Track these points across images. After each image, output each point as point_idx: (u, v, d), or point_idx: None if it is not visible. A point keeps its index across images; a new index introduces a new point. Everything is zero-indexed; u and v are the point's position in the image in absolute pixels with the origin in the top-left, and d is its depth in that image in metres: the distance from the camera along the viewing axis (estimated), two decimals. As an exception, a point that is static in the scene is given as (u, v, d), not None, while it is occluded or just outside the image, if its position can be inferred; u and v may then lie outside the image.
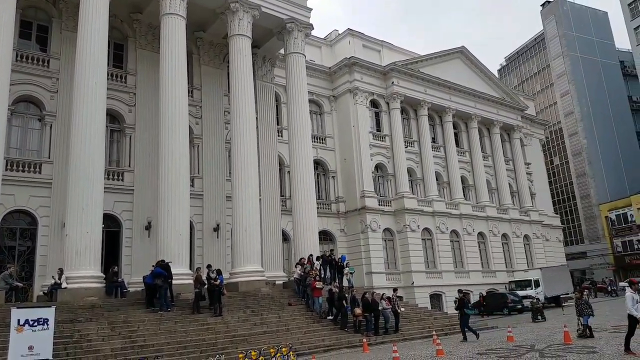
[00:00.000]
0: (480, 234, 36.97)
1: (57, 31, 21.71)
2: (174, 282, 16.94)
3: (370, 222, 30.73)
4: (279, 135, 28.29)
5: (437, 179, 36.00)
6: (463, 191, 37.51)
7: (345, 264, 22.62)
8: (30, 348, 11.84)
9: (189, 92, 21.70)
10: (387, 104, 34.99)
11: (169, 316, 16.24)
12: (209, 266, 18.28)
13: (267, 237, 24.69)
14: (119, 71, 23.16)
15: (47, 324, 12.24)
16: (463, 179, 38.30)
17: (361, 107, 33.01)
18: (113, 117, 22.28)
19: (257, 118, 23.63)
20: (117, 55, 23.45)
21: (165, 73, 20.10)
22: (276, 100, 29.04)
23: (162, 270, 16.70)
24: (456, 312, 18.79)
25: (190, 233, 20.82)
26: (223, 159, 25.15)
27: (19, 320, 11.94)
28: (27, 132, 20.80)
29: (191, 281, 18.01)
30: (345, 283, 21.43)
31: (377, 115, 34.95)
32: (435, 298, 31.87)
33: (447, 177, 37.24)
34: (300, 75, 25.05)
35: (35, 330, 12.08)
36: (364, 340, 16.48)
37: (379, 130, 34.61)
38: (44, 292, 17.37)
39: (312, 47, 32.67)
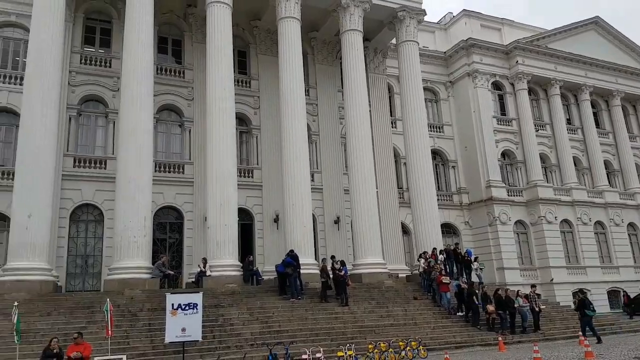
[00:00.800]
0: (631, 225, 33.03)
1: (189, 43, 23.98)
2: (302, 271, 17.88)
3: (499, 214, 28.91)
4: (393, 127, 28.11)
5: (575, 165, 32.89)
6: (607, 177, 33.81)
7: (473, 258, 21.81)
8: (183, 330, 13.04)
9: (305, 91, 22.60)
10: (512, 85, 32.72)
11: (300, 304, 17.22)
12: (332, 257, 19.05)
13: (386, 230, 24.75)
14: (243, 77, 24.91)
15: (196, 308, 13.44)
16: (607, 164, 34.49)
17: (482, 91, 31.26)
18: (241, 119, 23.99)
19: (370, 111, 23.78)
20: (241, 62, 25.20)
21: (284, 75, 21.21)
22: (389, 92, 28.90)
23: (292, 259, 17.77)
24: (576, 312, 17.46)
25: (313, 225, 21.76)
26: (339, 153, 25.79)
27: (172, 305, 13.27)
28: (170, 137, 23.37)
29: (317, 271, 18.91)
30: (474, 279, 20.66)
31: (500, 98, 32.86)
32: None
33: (587, 162, 33.77)
34: (414, 64, 24.62)
35: (187, 314, 13.28)
36: (500, 338, 15.67)
37: (503, 114, 32.52)
38: (191, 280, 19.48)
39: (425, 32, 31.68)
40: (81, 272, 20.24)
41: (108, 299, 12.83)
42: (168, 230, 22.10)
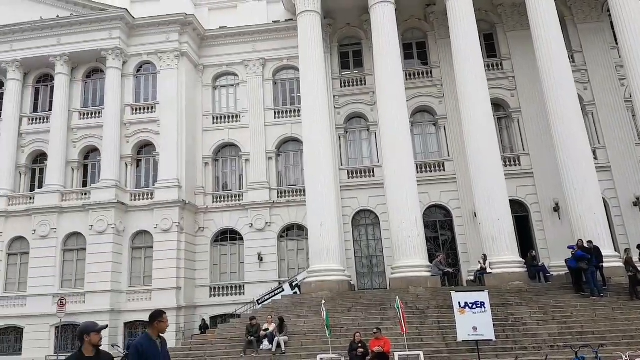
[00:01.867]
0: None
1: (433, 42, 23.38)
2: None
3: None
4: None
5: None
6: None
7: None
8: (474, 329, 12.48)
9: (569, 58, 19.17)
10: None
11: (603, 302, 14.38)
12: (639, 247, 15.25)
13: None
14: (493, 60, 22.87)
15: (484, 307, 12.65)
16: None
17: None
18: (497, 105, 22.03)
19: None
20: (489, 45, 23.20)
21: (540, 45, 18.55)
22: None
23: (584, 252, 14.98)
24: None
25: (606, 210, 18.01)
26: (627, 121, 21.00)
27: (459, 303, 12.81)
28: (426, 137, 23.15)
29: (619, 264, 15.52)
30: None
31: None
32: None
33: None
34: None
35: (475, 313, 12.68)
36: None
37: None
38: (470, 278, 18.55)
39: None
40: (368, 271, 21.70)
41: (397, 297, 13.10)
42: (439, 228, 21.77)
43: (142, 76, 24.40)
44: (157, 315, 5.11)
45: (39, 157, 24.31)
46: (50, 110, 23.91)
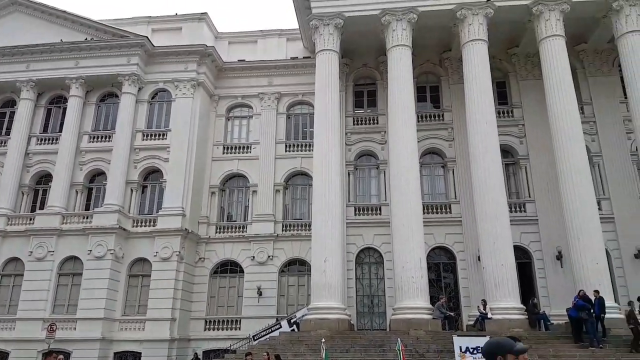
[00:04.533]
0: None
1: (446, 87, 24.95)
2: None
3: None
4: None
5: None
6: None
7: None
8: None
9: (579, 110, 20.55)
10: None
11: (602, 353, 15.12)
12: (639, 299, 16.13)
13: None
14: (504, 107, 24.38)
15: None
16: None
17: None
18: (506, 151, 23.31)
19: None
20: (501, 93, 24.78)
21: (551, 95, 19.97)
22: None
23: (584, 302, 15.85)
24: None
25: (608, 261, 18.96)
26: (632, 173, 22.27)
27: (460, 347, 13.68)
28: (434, 178, 24.41)
29: (620, 315, 16.37)
30: None
31: None
32: None
33: None
34: None
35: (475, 358, 13.49)
36: None
37: None
38: (471, 322, 19.30)
39: None
40: (368, 311, 22.50)
41: (399, 339, 13.88)
42: (442, 270, 22.70)
43: (157, 103, 25.97)
44: None
45: (44, 178, 25.45)
46: (60, 131, 25.23)
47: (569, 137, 19.14)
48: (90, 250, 22.07)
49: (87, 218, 23.25)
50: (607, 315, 16.09)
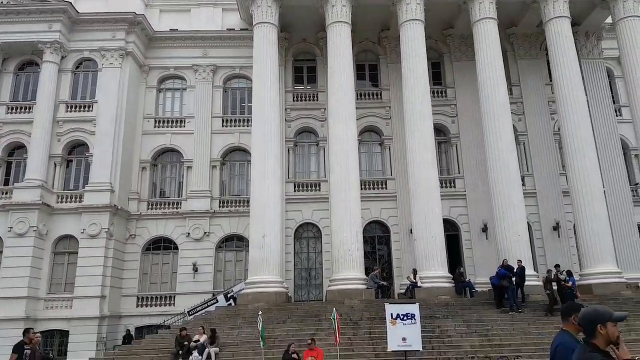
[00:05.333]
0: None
1: (384, 66, 25.50)
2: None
3: None
4: (617, 115, 24.97)
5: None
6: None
7: None
8: (404, 339, 13.65)
9: (508, 90, 21.69)
10: None
11: (521, 317, 16.43)
12: (556, 266, 17.77)
13: (619, 234, 21.96)
14: (438, 87, 25.31)
15: (414, 319, 13.94)
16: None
17: None
18: (439, 129, 24.27)
19: (587, 100, 21.70)
20: (436, 73, 25.66)
21: (482, 76, 20.89)
22: (608, 76, 25.62)
23: (506, 271, 17.06)
24: None
25: (529, 233, 20.55)
26: (553, 152, 23.95)
27: (392, 314, 14.05)
28: (372, 155, 25.06)
29: (538, 282, 17.81)
30: None
31: None
32: None
33: None
34: (638, 40, 21.47)
35: (405, 324, 13.89)
36: None
37: None
38: (402, 291, 20.23)
39: (649, 2, 27.24)
40: (306, 283, 23.03)
41: (334, 309, 14.31)
42: (377, 243, 23.56)
43: (82, 73, 24.66)
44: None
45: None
46: (-28, 101, 23.45)
47: (498, 116, 20.25)
48: (11, 227, 21.06)
49: (7, 194, 22.16)
50: (527, 283, 17.45)
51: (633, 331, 15.30)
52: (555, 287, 16.88)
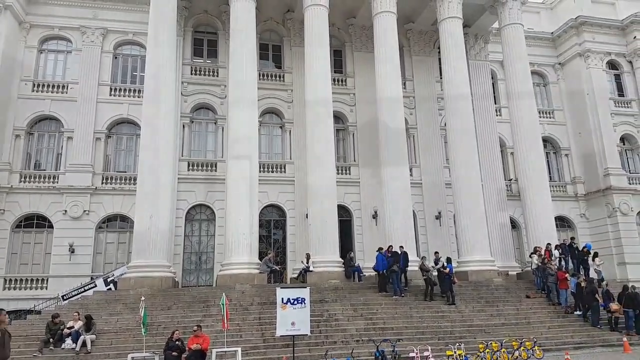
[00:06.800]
0: None
1: (288, 48, 24.63)
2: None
3: (620, 205, 26.05)
4: (497, 115, 26.68)
5: None
6: None
7: (593, 253, 19.90)
8: (293, 324, 13.10)
9: (402, 84, 22.05)
10: (630, 63, 29.39)
11: (403, 301, 16.88)
12: (436, 253, 18.46)
13: (494, 225, 23.44)
14: (339, 75, 25.05)
15: (304, 303, 13.46)
16: None
17: (596, 71, 28.36)
18: (337, 117, 24.11)
19: (472, 100, 22.78)
20: (337, 61, 25.38)
21: (380, 69, 20.91)
22: (492, 78, 27.36)
23: (385, 256, 17.42)
24: None
25: (414, 221, 21.21)
26: (439, 146, 24.98)
27: (282, 299, 13.51)
28: (272, 138, 24.23)
29: (418, 268, 18.38)
30: (592, 275, 18.87)
31: (617, 78, 29.67)
32: None
33: None
34: (519, 47, 23.05)
35: (295, 308, 13.36)
36: (624, 339, 14.41)
37: (621, 95, 29.35)
38: (294, 275, 19.93)
39: (530, 13, 29.39)
40: (195, 268, 21.73)
41: (224, 294, 13.52)
42: (272, 227, 22.93)
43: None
44: None
45: None
46: None
47: (391, 109, 20.41)
48: None
49: None
50: (409, 268, 17.99)
51: (502, 316, 16.47)
52: (435, 273, 17.64)
